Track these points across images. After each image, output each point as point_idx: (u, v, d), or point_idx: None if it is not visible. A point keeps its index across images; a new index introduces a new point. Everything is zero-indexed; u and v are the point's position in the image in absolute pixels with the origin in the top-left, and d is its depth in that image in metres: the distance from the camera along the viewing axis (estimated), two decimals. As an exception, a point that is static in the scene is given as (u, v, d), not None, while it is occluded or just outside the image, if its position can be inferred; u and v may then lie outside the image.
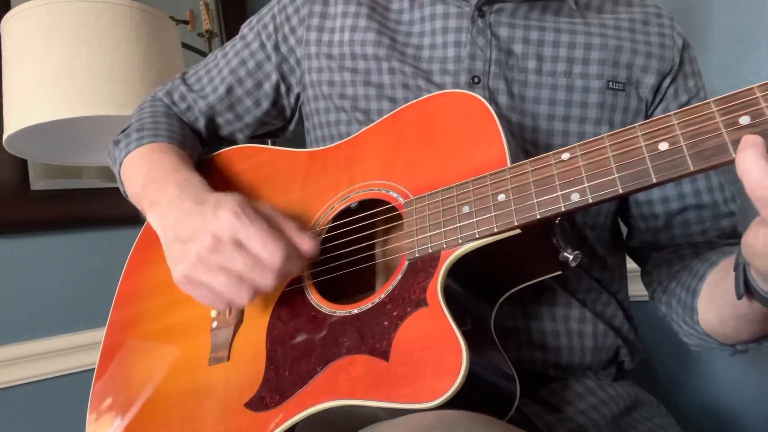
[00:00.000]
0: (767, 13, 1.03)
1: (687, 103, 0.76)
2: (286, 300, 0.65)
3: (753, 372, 1.13)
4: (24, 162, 1.34)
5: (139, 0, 1.16)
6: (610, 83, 0.72)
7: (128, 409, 0.71)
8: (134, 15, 1.13)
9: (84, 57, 1.07)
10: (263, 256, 0.57)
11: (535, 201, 0.51)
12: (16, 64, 1.09)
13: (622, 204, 0.79)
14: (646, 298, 1.19)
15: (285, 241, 0.58)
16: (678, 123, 0.46)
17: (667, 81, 0.75)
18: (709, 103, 0.45)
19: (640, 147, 0.47)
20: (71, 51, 1.06)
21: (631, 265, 0.83)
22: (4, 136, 1.11)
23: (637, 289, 0.85)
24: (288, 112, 0.87)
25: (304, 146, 0.81)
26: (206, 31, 1.70)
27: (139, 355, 0.75)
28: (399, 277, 0.57)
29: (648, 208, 0.76)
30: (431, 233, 0.57)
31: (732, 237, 0.75)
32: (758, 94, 0.42)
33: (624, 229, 0.83)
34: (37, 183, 1.37)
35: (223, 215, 0.58)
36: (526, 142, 0.71)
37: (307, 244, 0.61)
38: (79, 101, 1.06)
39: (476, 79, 0.72)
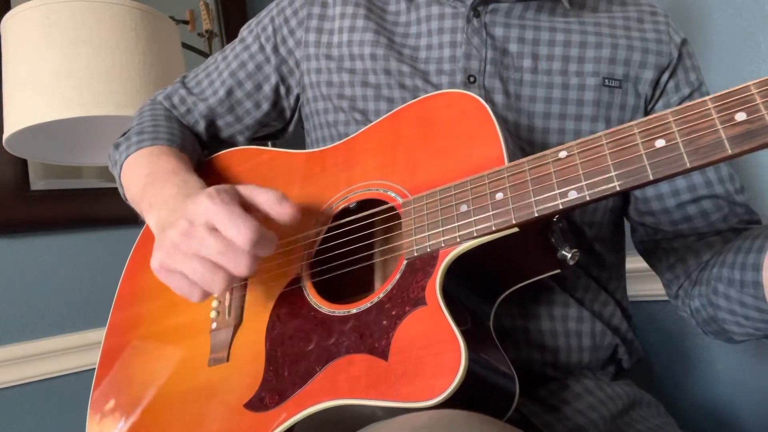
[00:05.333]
0: None
1: (690, 96, 0.75)
2: (285, 300, 0.65)
3: (752, 372, 1.13)
4: (24, 162, 1.34)
5: (139, 0, 1.16)
6: (606, 80, 0.72)
7: (128, 411, 0.71)
8: (134, 15, 1.13)
9: (84, 57, 1.07)
10: (233, 238, 0.55)
11: (532, 199, 0.51)
12: (16, 64, 1.09)
13: (625, 203, 0.79)
14: (646, 298, 1.19)
15: (255, 222, 0.56)
16: (674, 120, 0.46)
17: (666, 75, 0.74)
18: (705, 100, 0.45)
19: (637, 144, 0.47)
20: (71, 51, 1.07)
21: (630, 265, 0.83)
22: (4, 136, 1.11)
23: (637, 289, 0.85)
24: (288, 113, 0.87)
25: (304, 148, 0.81)
26: (206, 31, 1.70)
27: (139, 357, 0.74)
28: (398, 276, 0.57)
29: (658, 203, 0.74)
30: (429, 232, 0.57)
31: (752, 223, 0.73)
32: (754, 91, 0.42)
33: (628, 230, 0.81)
34: (37, 183, 1.37)
35: (198, 199, 0.57)
36: (522, 141, 0.71)
37: (285, 209, 0.58)
38: (79, 101, 1.06)
39: (472, 79, 0.72)
